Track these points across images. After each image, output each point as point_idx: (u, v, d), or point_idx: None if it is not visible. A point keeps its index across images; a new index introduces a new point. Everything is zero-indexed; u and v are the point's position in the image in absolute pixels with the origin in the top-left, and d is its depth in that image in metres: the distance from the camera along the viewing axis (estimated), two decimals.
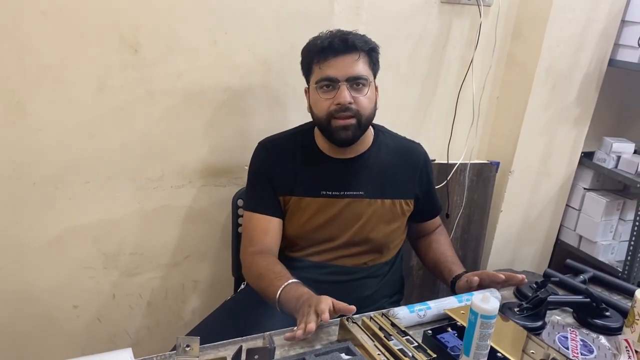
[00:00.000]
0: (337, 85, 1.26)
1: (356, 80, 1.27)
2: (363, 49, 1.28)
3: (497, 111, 2.06)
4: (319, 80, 1.28)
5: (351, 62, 1.27)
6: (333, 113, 1.27)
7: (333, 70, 1.26)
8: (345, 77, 1.26)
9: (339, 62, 1.26)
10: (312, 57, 1.30)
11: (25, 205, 1.44)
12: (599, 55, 1.99)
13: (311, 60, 1.31)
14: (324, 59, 1.27)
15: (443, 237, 1.55)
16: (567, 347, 1.11)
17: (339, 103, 1.26)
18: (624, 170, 2.05)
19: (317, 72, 1.29)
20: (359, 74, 1.27)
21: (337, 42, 1.26)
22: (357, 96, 1.28)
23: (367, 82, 1.29)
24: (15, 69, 1.32)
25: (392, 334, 1.03)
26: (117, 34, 1.39)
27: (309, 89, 1.35)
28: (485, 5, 1.83)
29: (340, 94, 1.26)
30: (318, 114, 1.31)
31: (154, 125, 1.51)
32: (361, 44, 1.28)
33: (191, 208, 1.65)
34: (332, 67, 1.26)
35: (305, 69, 1.36)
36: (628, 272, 1.99)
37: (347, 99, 1.25)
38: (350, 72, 1.26)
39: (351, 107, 1.27)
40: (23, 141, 1.38)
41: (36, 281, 1.52)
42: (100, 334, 1.65)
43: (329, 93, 1.28)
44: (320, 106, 1.29)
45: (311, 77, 1.32)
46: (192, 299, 1.76)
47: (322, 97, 1.29)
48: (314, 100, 1.32)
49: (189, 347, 0.92)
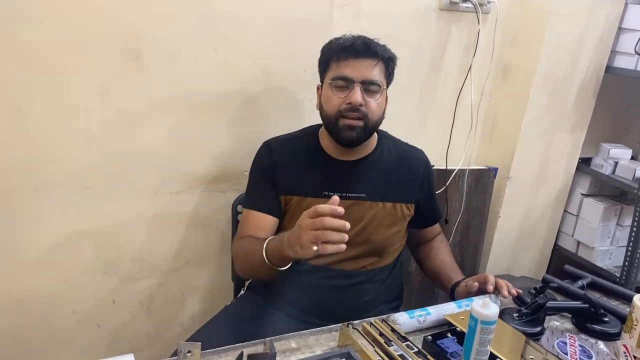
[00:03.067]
0: (351, 85, 1.28)
1: (370, 84, 1.29)
2: (382, 56, 1.31)
3: (496, 117, 2.07)
4: (335, 77, 1.30)
5: (369, 66, 1.29)
6: (343, 112, 1.29)
7: (350, 71, 1.28)
8: (361, 79, 1.28)
9: (357, 63, 1.29)
10: (332, 54, 1.32)
11: (26, 210, 1.44)
12: (596, 62, 2.00)
13: (330, 58, 1.33)
14: (343, 57, 1.29)
15: (443, 244, 1.56)
16: (566, 352, 1.11)
17: (350, 103, 1.28)
18: (621, 176, 2.06)
19: (335, 69, 1.31)
20: (374, 78, 1.29)
21: (359, 44, 1.29)
22: (368, 100, 1.30)
23: (380, 89, 1.31)
24: (16, 76, 1.33)
25: (393, 339, 1.03)
26: (118, 41, 1.40)
27: (322, 85, 1.37)
28: (483, 13, 1.85)
29: (353, 94, 1.28)
30: (328, 111, 1.32)
31: (154, 132, 1.52)
32: (381, 51, 1.31)
33: (191, 214, 1.65)
34: (350, 67, 1.29)
35: (322, 66, 1.37)
36: (626, 277, 2.00)
37: (359, 100, 1.27)
38: (367, 76, 1.28)
39: (361, 110, 1.28)
40: (24, 147, 1.39)
41: (36, 286, 1.52)
42: (100, 339, 1.65)
43: (342, 92, 1.30)
44: (331, 103, 1.31)
45: (327, 73, 1.34)
46: (191, 305, 1.76)
47: (335, 95, 1.30)
48: (325, 97, 1.34)
49: (190, 353, 0.92)
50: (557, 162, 2.12)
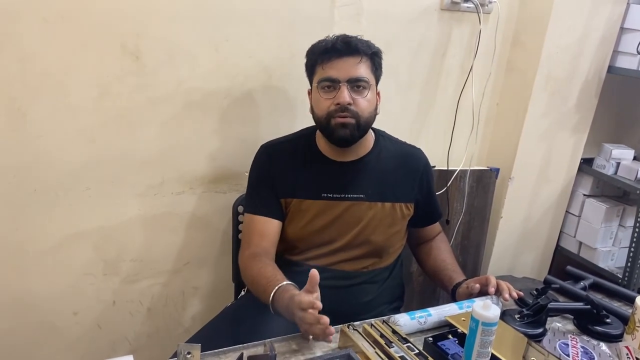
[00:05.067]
0: (337, 85, 1.29)
1: (357, 82, 1.29)
2: (365, 52, 1.31)
3: (497, 118, 2.06)
4: (321, 80, 1.31)
5: (353, 64, 1.29)
6: (332, 113, 1.29)
7: (335, 71, 1.29)
8: (346, 78, 1.28)
9: (341, 63, 1.29)
10: (316, 58, 1.33)
11: (26, 211, 1.44)
12: (598, 62, 1.99)
13: (315, 61, 1.33)
14: (327, 59, 1.30)
15: (443, 244, 1.55)
16: (567, 354, 1.11)
17: (338, 103, 1.28)
18: (624, 176, 2.05)
19: (320, 72, 1.32)
20: (360, 75, 1.29)
21: (340, 44, 1.29)
22: (357, 98, 1.30)
23: (368, 85, 1.31)
24: (16, 76, 1.33)
25: (393, 341, 1.03)
26: (118, 41, 1.40)
27: (312, 89, 1.37)
28: (484, 13, 1.84)
29: (340, 94, 1.28)
30: (318, 114, 1.33)
31: (154, 132, 1.52)
32: (364, 47, 1.31)
33: (191, 214, 1.65)
34: (334, 68, 1.29)
35: (309, 70, 1.38)
36: (628, 278, 1.99)
37: (346, 99, 1.27)
38: (351, 74, 1.28)
39: (350, 108, 1.28)
40: (24, 147, 1.39)
41: (36, 287, 1.52)
42: (100, 340, 1.65)
43: (329, 93, 1.30)
44: (320, 106, 1.32)
45: (314, 77, 1.35)
46: (192, 306, 1.76)
47: (323, 97, 1.31)
48: (315, 100, 1.34)
49: (190, 354, 0.92)
50: (559, 163, 2.12)
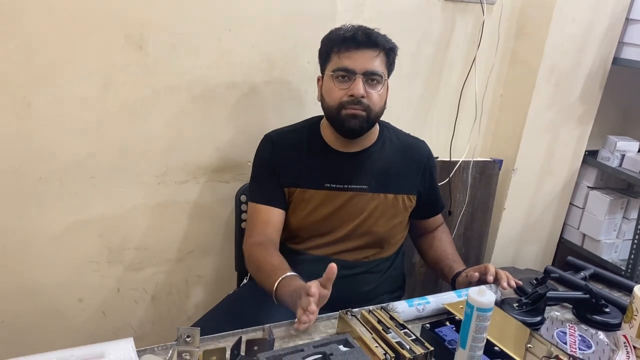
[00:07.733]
0: (353, 77, 1.28)
1: (372, 75, 1.29)
2: (384, 46, 1.30)
3: (500, 109, 2.06)
4: (336, 69, 1.29)
5: (370, 57, 1.28)
6: (344, 104, 1.29)
7: (352, 62, 1.28)
8: (363, 70, 1.28)
9: (358, 55, 1.28)
10: (333, 45, 1.31)
11: (31, 199, 1.46)
12: (603, 54, 1.98)
13: (331, 49, 1.32)
14: (345, 49, 1.29)
15: (445, 235, 1.56)
16: (565, 342, 1.11)
17: (352, 95, 1.27)
18: (628, 168, 2.04)
19: (336, 61, 1.30)
20: (376, 70, 1.29)
21: (360, 35, 1.28)
22: (370, 91, 1.29)
23: (382, 80, 1.31)
24: (21, 66, 1.34)
25: (391, 327, 1.04)
26: (122, 31, 1.41)
27: (323, 77, 1.36)
28: (488, 4, 1.84)
29: (355, 85, 1.27)
30: (329, 103, 1.32)
31: (158, 122, 1.53)
32: (382, 41, 1.30)
33: (195, 204, 1.66)
34: (351, 58, 1.28)
35: (322, 57, 1.37)
36: (631, 270, 1.99)
37: (360, 91, 1.27)
38: (368, 67, 1.28)
39: (363, 101, 1.28)
40: (29, 136, 1.40)
41: (41, 275, 1.54)
42: (105, 327, 1.67)
43: (344, 83, 1.29)
44: (333, 95, 1.31)
45: (328, 65, 1.33)
46: (195, 294, 1.78)
47: (337, 87, 1.30)
48: (327, 89, 1.33)
49: (189, 337, 0.94)
50: (563, 155, 2.11)
